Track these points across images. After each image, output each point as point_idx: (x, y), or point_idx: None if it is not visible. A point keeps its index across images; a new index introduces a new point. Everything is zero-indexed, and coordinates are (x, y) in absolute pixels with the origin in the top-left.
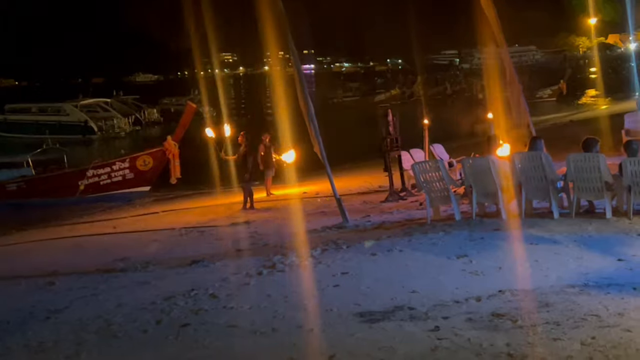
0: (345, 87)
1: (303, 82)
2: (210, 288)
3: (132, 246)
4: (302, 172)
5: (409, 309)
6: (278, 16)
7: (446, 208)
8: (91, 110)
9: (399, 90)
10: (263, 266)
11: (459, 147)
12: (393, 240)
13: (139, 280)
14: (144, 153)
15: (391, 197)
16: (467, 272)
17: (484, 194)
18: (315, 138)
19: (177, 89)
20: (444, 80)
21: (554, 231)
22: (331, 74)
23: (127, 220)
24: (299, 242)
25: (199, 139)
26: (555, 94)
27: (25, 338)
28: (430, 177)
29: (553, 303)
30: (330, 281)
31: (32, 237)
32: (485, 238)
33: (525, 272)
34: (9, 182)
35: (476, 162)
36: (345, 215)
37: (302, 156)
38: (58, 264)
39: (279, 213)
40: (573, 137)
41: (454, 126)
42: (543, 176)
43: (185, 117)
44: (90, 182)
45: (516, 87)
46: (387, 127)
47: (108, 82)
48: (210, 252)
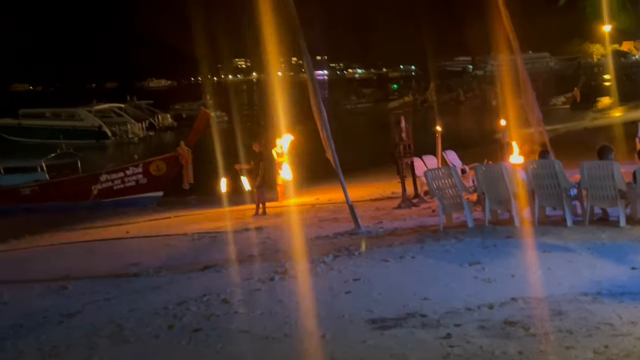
0: (359, 93)
1: (316, 88)
2: (222, 293)
3: (144, 251)
4: (315, 179)
5: (421, 316)
6: (291, 22)
7: (459, 215)
8: (105, 116)
9: (412, 97)
10: (275, 272)
11: (472, 153)
12: (405, 247)
13: (151, 285)
14: (157, 158)
15: (404, 203)
16: (479, 280)
17: (496, 201)
18: (328, 144)
19: (189, 95)
20: (457, 87)
21: (567, 239)
22: (344, 80)
23: (140, 225)
24: (311, 248)
25: (212, 145)
26: (569, 101)
27: (39, 342)
28: (442, 183)
29: (566, 311)
30: (342, 287)
31: (45, 242)
32: (497, 245)
33: (538, 279)
34: (23, 187)
35: (489, 169)
36: (357, 222)
37: (314, 162)
38: (71, 268)
39: (291, 219)
40: (587, 144)
41: (466, 133)
42: (556, 183)
43: (198, 123)
44: (103, 187)
45: (530, 94)
46: (400, 133)
47: (121, 87)
48: (222, 257)
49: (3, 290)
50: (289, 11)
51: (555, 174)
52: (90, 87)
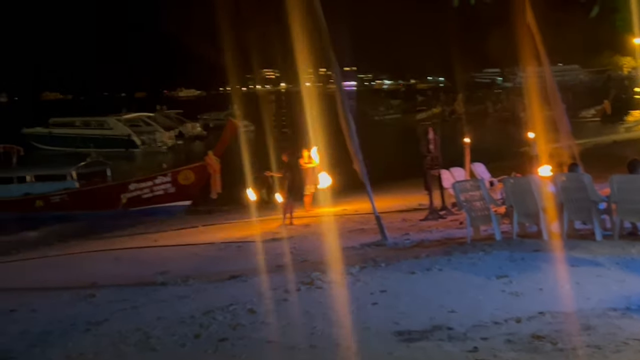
0: (387, 104)
1: (344, 98)
2: (248, 303)
3: (172, 260)
4: (342, 189)
5: (447, 328)
6: (321, 33)
7: (486, 228)
8: (134, 125)
9: (440, 109)
10: (301, 282)
11: (500, 166)
12: (432, 259)
13: (178, 294)
14: (186, 167)
15: (431, 215)
16: (507, 293)
17: (525, 214)
18: (356, 155)
19: (218, 105)
20: (486, 98)
21: (596, 253)
22: (372, 91)
23: (167, 234)
24: (338, 259)
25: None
26: (600, 114)
27: (66, 349)
28: (470, 196)
29: (594, 326)
30: (368, 299)
31: (74, 249)
32: (525, 259)
33: (566, 294)
34: (53, 195)
35: (517, 181)
36: (384, 233)
37: (342, 173)
38: (99, 276)
39: (318, 229)
40: (617, 158)
41: (495, 145)
42: (585, 197)
43: (226, 133)
44: (132, 195)
45: (559, 107)
46: (428, 145)
47: (151, 96)
48: (249, 267)
49: (32, 297)
50: (319, 22)
51: (584, 188)
52: (120, 96)
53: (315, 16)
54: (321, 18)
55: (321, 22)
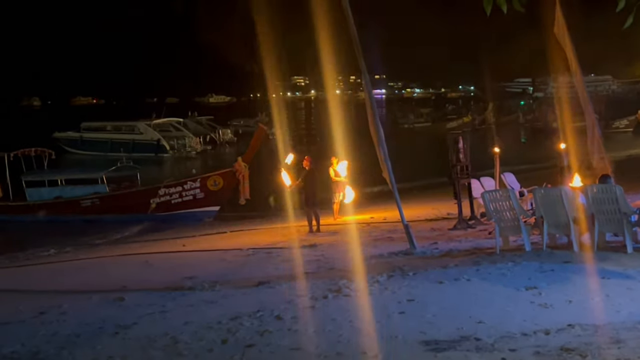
0: (416, 112)
1: (374, 106)
2: (275, 310)
3: (200, 265)
4: (370, 197)
5: (475, 339)
6: (351, 41)
7: (516, 238)
8: (164, 130)
9: (471, 117)
10: (329, 290)
11: (531, 176)
12: (460, 269)
13: (206, 299)
14: (215, 173)
15: (460, 225)
16: (536, 304)
17: (555, 225)
18: (384, 163)
19: (248, 111)
20: (517, 108)
21: (627, 266)
22: (402, 99)
23: (196, 239)
24: (365, 267)
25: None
26: (632, 124)
27: (95, 352)
28: (500, 206)
29: (624, 339)
30: (395, 308)
31: (103, 253)
32: (555, 270)
33: (596, 306)
34: (83, 199)
35: (548, 192)
36: (412, 242)
37: (370, 181)
38: (128, 280)
39: (345, 237)
40: None
41: (525, 155)
42: (617, 209)
43: (256, 139)
44: (161, 200)
45: (591, 117)
46: (458, 154)
47: (182, 102)
48: (276, 273)
49: (62, 300)
50: (350, 30)
51: (616, 199)
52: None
53: (346, 24)
54: (352, 26)
55: (352, 30)
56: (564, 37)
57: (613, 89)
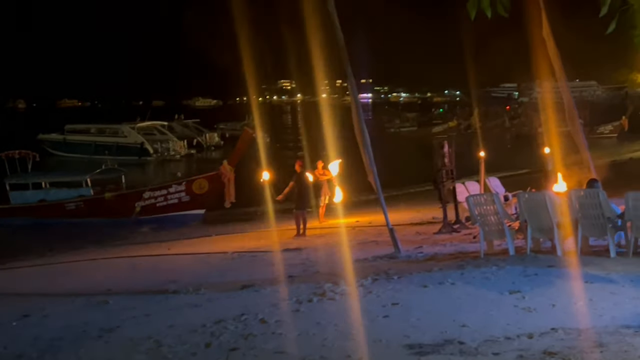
0: (403, 117)
1: (360, 110)
2: (260, 313)
3: (185, 268)
4: (355, 201)
5: (459, 343)
6: (337, 44)
7: (500, 242)
8: (148, 133)
9: (457, 122)
10: (313, 293)
11: (516, 181)
12: (445, 273)
13: (190, 303)
14: (200, 176)
15: (444, 229)
16: (519, 308)
17: (539, 229)
18: (370, 167)
19: (234, 114)
20: (503, 113)
21: (610, 270)
22: (389, 103)
23: (180, 243)
24: (350, 271)
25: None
26: (617, 130)
27: (78, 356)
28: (485, 210)
29: (607, 344)
30: (380, 311)
31: (88, 256)
32: (539, 274)
33: (580, 310)
34: (68, 202)
35: (532, 196)
36: (397, 246)
37: (356, 185)
38: (112, 283)
39: (331, 241)
40: (633, 174)
41: (511, 160)
42: (600, 214)
43: (242, 143)
44: (146, 203)
45: (576, 123)
46: (443, 158)
47: (168, 105)
48: (261, 277)
49: (45, 303)
50: (336, 34)
51: (599, 204)
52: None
53: (332, 28)
54: (338, 30)
55: (338, 34)
56: (550, 42)
57: (598, 95)
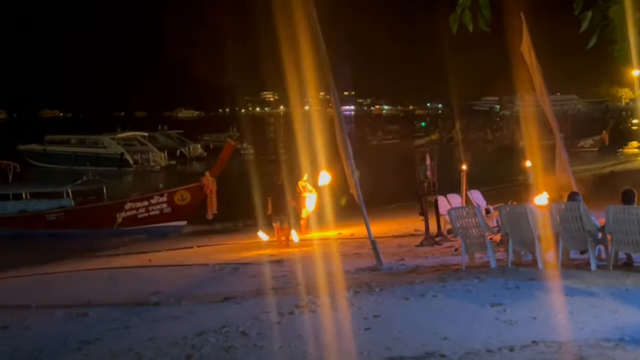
0: (385, 129)
1: (342, 123)
2: (241, 325)
3: (166, 280)
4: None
5: (440, 355)
6: (320, 57)
7: (481, 255)
8: (129, 144)
9: (439, 135)
10: (295, 306)
11: (497, 194)
12: (426, 285)
13: (171, 315)
14: (182, 188)
15: (426, 241)
16: (500, 321)
17: (520, 242)
18: (352, 179)
19: (217, 126)
20: (485, 126)
21: (591, 283)
22: (371, 116)
23: (162, 254)
24: (332, 283)
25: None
26: (598, 144)
27: None
28: (466, 223)
29: (587, 356)
30: (361, 324)
31: (68, 267)
32: (520, 287)
33: (560, 323)
34: (48, 212)
35: (513, 209)
36: (379, 258)
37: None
38: (92, 294)
39: (313, 253)
40: (613, 188)
41: (492, 173)
42: (581, 227)
43: (224, 154)
44: (128, 214)
45: (556, 136)
46: (425, 171)
47: (150, 116)
48: (243, 289)
49: (25, 315)
50: (318, 47)
51: (580, 217)
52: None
53: (315, 41)
54: (321, 42)
55: (321, 46)
56: (530, 56)
57: (579, 108)
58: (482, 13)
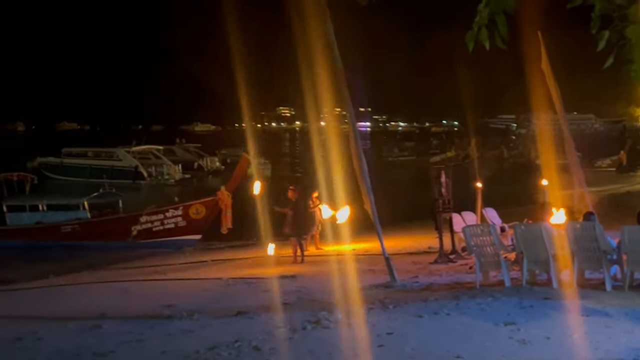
0: (401, 146)
1: (357, 139)
2: (253, 340)
3: (179, 293)
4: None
5: None
6: (337, 72)
7: (496, 273)
8: (144, 157)
9: (455, 152)
10: (308, 321)
11: (512, 212)
12: (440, 303)
13: (184, 328)
14: (197, 202)
15: (440, 259)
16: (514, 340)
17: (535, 261)
18: (367, 195)
19: (234, 140)
20: (500, 144)
21: (606, 303)
22: (387, 132)
23: (176, 268)
24: (345, 299)
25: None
26: (615, 164)
27: None
28: (481, 241)
29: None
30: (374, 341)
31: (82, 279)
32: (534, 306)
33: (574, 343)
34: (64, 224)
35: (528, 228)
36: (393, 275)
37: (354, 213)
38: (106, 307)
39: (327, 268)
40: (630, 208)
41: (508, 191)
42: (596, 247)
43: (239, 169)
44: (143, 227)
45: (573, 155)
46: (440, 188)
47: (167, 130)
48: (256, 303)
49: (38, 326)
50: (335, 62)
51: (595, 237)
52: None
53: (331, 56)
54: (337, 58)
55: (337, 62)
56: (549, 75)
57: (596, 128)
58: (499, 31)
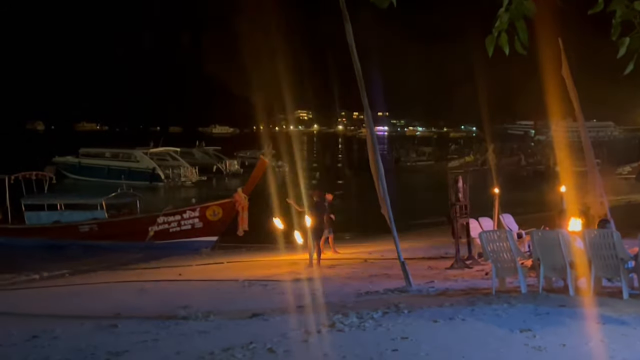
0: (419, 151)
1: (375, 143)
2: (268, 342)
3: (195, 294)
4: (368, 233)
5: None
6: (356, 77)
7: (512, 279)
8: (161, 159)
9: (473, 158)
10: (322, 324)
11: (530, 218)
12: (456, 309)
13: (199, 329)
14: (214, 203)
15: (457, 264)
16: (530, 347)
17: (552, 268)
18: (383, 199)
19: (251, 143)
20: (519, 150)
21: (623, 311)
22: (405, 137)
23: (192, 269)
24: (360, 303)
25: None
26: (635, 171)
27: None
28: (497, 247)
29: None
30: (389, 345)
31: (99, 279)
32: (550, 313)
33: (591, 351)
34: (82, 224)
35: (545, 235)
36: (408, 279)
37: (370, 216)
38: (122, 307)
39: (342, 272)
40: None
41: (526, 197)
42: (614, 254)
43: (257, 171)
44: (160, 228)
45: (592, 162)
46: (457, 193)
47: (185, 132)
48: (271, 306)
49: (55, 325)
50: (354, 67)
51: (613, 245)
52: (155, 130)
53: (351, 61)
54: (356, 63)
55: (356, 66)
56: (569, 82)
57: (615, 135)
58: (519, 36)
